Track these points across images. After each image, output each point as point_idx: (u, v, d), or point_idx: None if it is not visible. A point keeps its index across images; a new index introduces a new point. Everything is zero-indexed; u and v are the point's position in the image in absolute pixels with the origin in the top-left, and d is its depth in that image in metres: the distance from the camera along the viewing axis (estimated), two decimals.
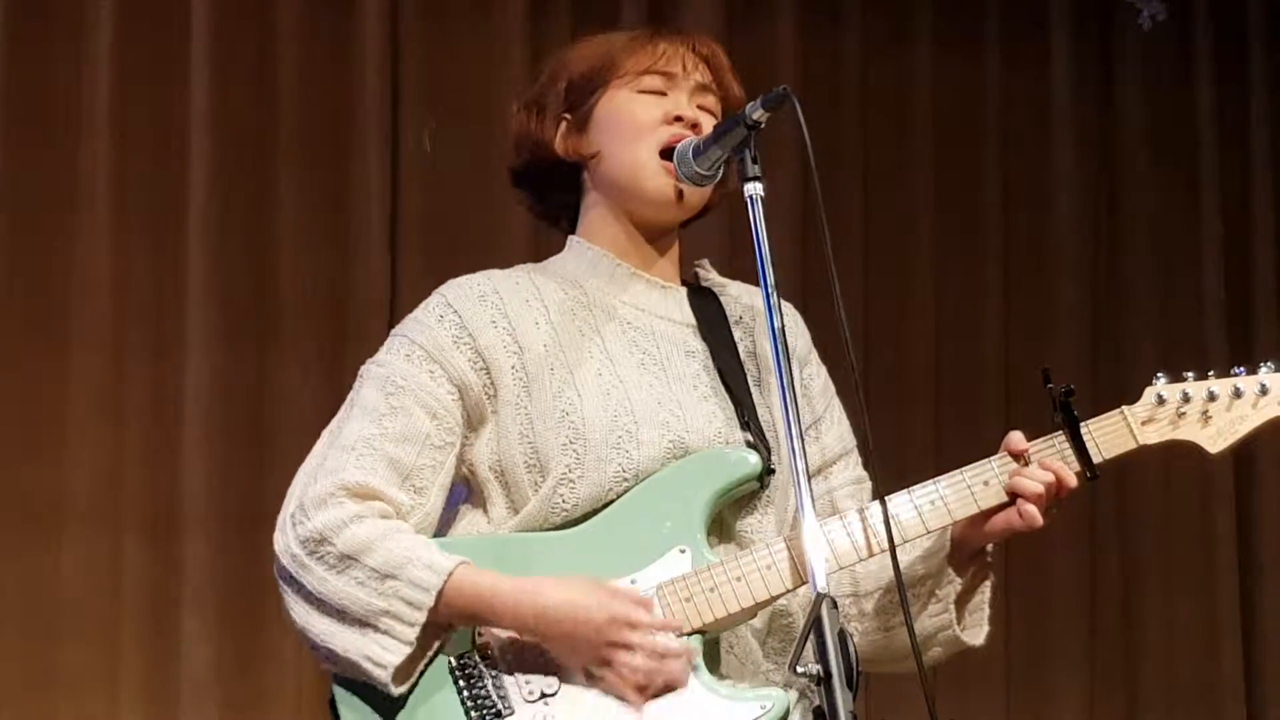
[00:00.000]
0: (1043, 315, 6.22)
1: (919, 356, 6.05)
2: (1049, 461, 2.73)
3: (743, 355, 2.88)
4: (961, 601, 2.81)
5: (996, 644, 2.98)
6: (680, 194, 2.82)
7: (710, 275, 2.98)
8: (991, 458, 2.76)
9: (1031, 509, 2.71)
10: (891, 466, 2.91)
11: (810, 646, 2.45)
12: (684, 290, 2.91)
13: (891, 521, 2.67)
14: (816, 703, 2.43)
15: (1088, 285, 6.27)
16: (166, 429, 5.18)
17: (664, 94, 2.84)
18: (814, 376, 2.95)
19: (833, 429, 2.93)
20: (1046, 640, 6.09)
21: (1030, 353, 6.10)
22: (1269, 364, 2.80)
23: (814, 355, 2.97)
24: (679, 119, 2.82)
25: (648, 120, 2.82)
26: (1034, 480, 2.72)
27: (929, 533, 2.75)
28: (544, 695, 2.65)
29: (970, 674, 5.72)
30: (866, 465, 2.92)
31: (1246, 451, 6.21)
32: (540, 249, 3.05)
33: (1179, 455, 2.83)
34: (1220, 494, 6.25)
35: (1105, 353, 6.23)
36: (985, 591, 2.83)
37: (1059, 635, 6.11)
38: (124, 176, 5.19)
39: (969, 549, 2.79)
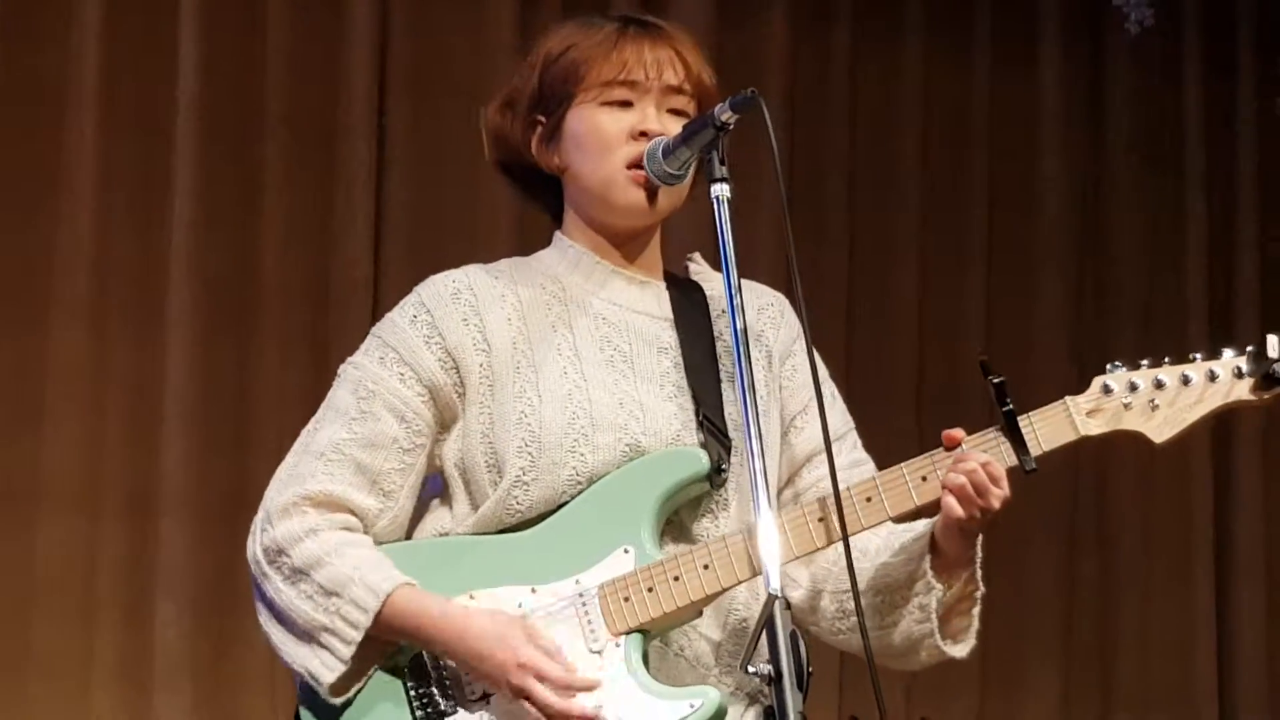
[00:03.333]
0: (1027, 316, 6.23)
1: (902, 355, 6.06)
2: (974, 452, 2.69)
3: (719, 351, 2.87)
4: (947, 612, 2.80)
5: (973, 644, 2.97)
6: (652, 198, 2.80)
7: (702, 268, 2.97)
8: (933, 452, 2.73)
9: (950, 501, 2.68)
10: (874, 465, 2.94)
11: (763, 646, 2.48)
12: (663, 284, 2.90)
13: (829, 518, 2.70)
14: (768, 703, 2.45)
15: (1073, 286, 6.28)
16: (146, 413, 5.18)
17: (630, 104, 2.81)
18: (797, 369, 2.93)
19: (814, 423, 2.88)
20: (1023, 639, 6.10)
21: (1014, 353, 6.11)
22: (1231, 350, 2.73)
23: (798, 346, 2.94)
24: (644, 134, 2.79)
25: (614, 135, 2.80)
26: (957, 473, 2.68)
27: (865, 529, 2.73)
28: (485, 695, 2.71)
29: (946, 672, 5.71)
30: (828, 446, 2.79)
31: (1225, 454, 6.30)
32: (526, 238, 3.05)
33: (1160, 455, 2.79)
34: (1198, 496, 6.27)
35: (1089, 355, 6.23)
36: (974, 603, 2.81)
37: (1036, 634, 6.13)
38: (109, 159, 5.19)
39: (949, 556, 2.76)
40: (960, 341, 6.12)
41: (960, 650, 2.82)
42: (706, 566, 2.70)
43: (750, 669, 2.46)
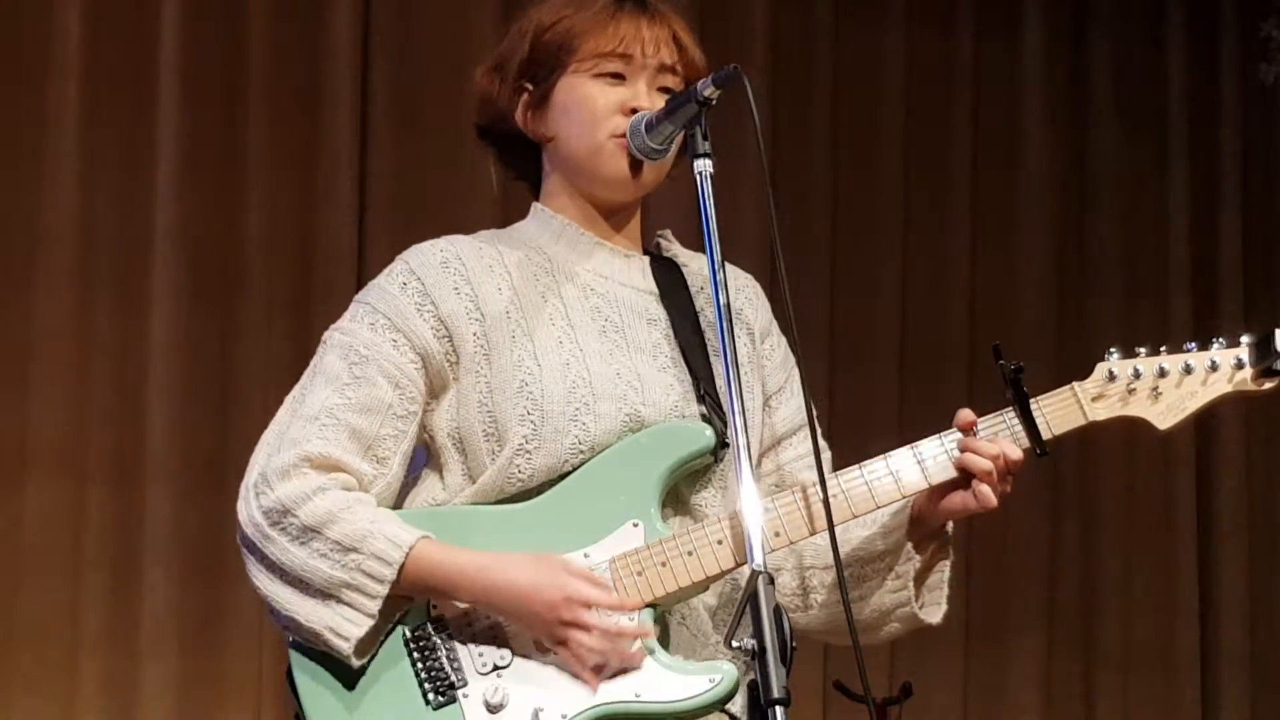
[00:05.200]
0: (1009, 279, 6.25)
1: (885, 319, 6.08)
2: (996, 439, 2.74)
3: (703, 325, 2.88)
4: (920, 579, 2.82)
5: (956, 607, 2.98)
6: (636, 170, 2.81)
7: (672, 246, 2.98)
8: (943, 433, 2.76)
9: (985, 489, 2.72)
10: (854, 428, 2.95)
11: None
12: (646, 259, 2.91)
13: (843, 496, 2.71)
14: (751, 676, 2.46)
15: (1055, 249, 6.30)
16: (132, 379, 5.19)
17: (623, 78, 2.82)
18: (774, 349, 2.95)
19: (790, 402, 2.92)
20: (1006, 604, 6.14)
21: (996, 316, 6.13)
22: (1220, 340, 2.81)
23: (775, 328, 2.96)
24: (634, 110, 2.79)
25: (604, 108, 2.80)
26: (982, 457, 2.72)
27: (879, 508, 2.76)
28: (497, 667, 2.68)
29: (929, 637, 5.72)
30: (814, 433, 2.83)
31: (1208, 421, 6.32)
32: (508, 207, 3.05)
33: (1139, 426, 2.84)
34: (1180, 462, 6.30)
35: (1070, 316, 6.26)
36: (944, 570, 2.84)
37: (1018, 599, 6.16)
38: (93, 124, 5.20)
39: (928, 526, 2.80)
40: (943, 306, 6.13)
41: (935, 616, 2.86)
42: (720, 542, 2.70)
43: (734, 644, 2.47)
